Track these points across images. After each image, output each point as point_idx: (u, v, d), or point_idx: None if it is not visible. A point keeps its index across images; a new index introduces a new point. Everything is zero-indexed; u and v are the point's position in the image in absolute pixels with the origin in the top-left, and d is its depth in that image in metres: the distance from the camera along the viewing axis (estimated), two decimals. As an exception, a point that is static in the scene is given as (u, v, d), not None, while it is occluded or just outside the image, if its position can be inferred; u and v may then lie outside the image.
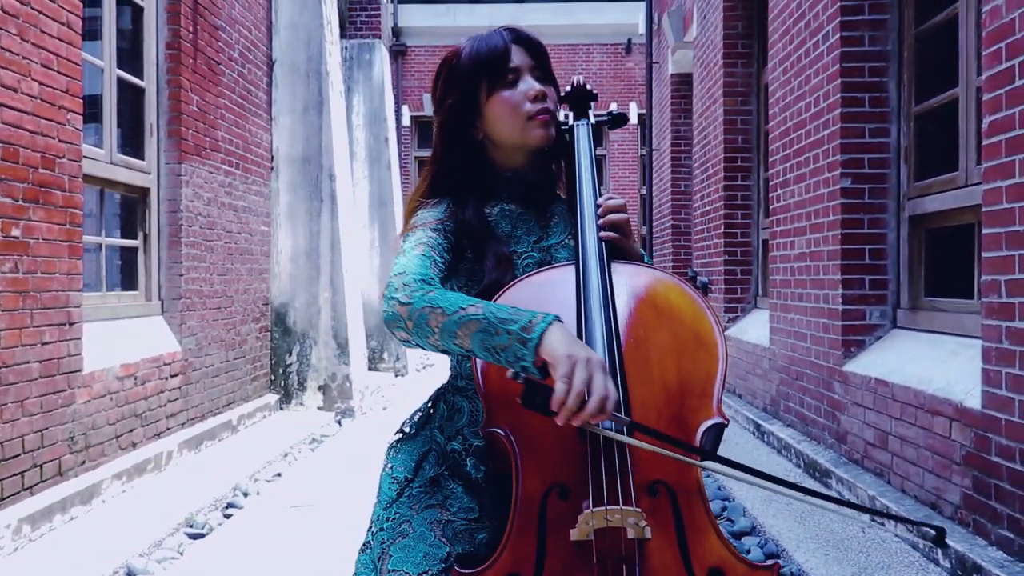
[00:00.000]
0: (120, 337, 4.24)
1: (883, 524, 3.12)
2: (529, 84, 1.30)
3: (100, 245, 4.44)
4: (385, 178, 8.92)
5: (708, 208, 6.95)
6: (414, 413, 1.42)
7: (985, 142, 2.70)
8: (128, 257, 4.81)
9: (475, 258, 1.29)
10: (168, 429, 4.59)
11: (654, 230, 10.03)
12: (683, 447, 1.05)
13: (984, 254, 2.70)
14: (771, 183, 5.14)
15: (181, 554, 3.29)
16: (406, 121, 14.64)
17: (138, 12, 4.67)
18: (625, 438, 1.04)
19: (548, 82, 1.34)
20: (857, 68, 3.91)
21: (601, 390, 0.98)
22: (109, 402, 3.98)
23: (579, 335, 1.13)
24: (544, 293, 1.19)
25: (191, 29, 4.91)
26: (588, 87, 1.46)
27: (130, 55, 4.66)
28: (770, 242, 5.22)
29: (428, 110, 14.93)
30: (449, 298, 1.10)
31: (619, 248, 1.28)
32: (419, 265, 1.19)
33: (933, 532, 1.00)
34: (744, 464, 1.01)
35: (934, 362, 3.25)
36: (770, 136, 5.18)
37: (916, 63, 3.79)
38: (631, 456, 1.07)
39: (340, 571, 2.98)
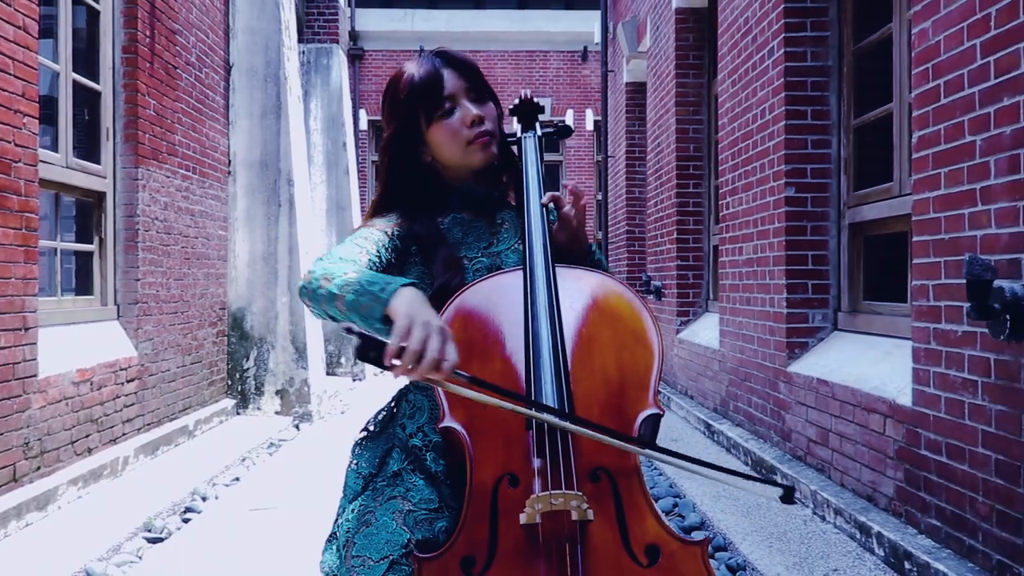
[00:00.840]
0: (76, 342, 4.22)
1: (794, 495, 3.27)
2: (466, 110, 1.37)
3: (55, 249, 4.40)
4: (343, 183, 8.93)
5: (661, 214, 7.12)
6: (378, 412, 1.50)
7: (915, 156, 2.87)
8: (83, 262, 4.77)
9: (425, 263, 1.38)
10: (124, 435, 4.57)
11: (609, 235, 10.20)
12: (620, 437, 1.15)
13: (914, 260, 2.87)
14: (720, 191, 5.32)
15: (140, 558, 3.30)
16: (363, 125, 14.62)
17: (94, 15, 4.65)
18: (568, 426, 1.13)
19: (485, 99, 1.40)
20: (800, 82, 4.09)
21: (435, 351, 1.04)
22: (65, 407, 3.96)
23: (527, 334, 1.23)
24: (495, 297, 1.28)
25: (148, 33, 4.90)
26: (535, 100, 1.54)
27: (86, 58, 4.63)
28: (720, 248, 5.39)
29: (387, 115, 14.92)
30: (341, 267, 1.20)
31: (567, 229, 1.38)
32: (346, 249, 1.29)
33: (782, 491, 1.12)
34: (669, 448, 1.12)
35: (870, 362, 3.42)
36: (719, 146, 5.36)
37: (855, 78, 3.98)
38: (574, 446, 1.17)
39: (300, 573, 3.04)
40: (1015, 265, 2.26)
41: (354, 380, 8.51)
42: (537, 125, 1.52)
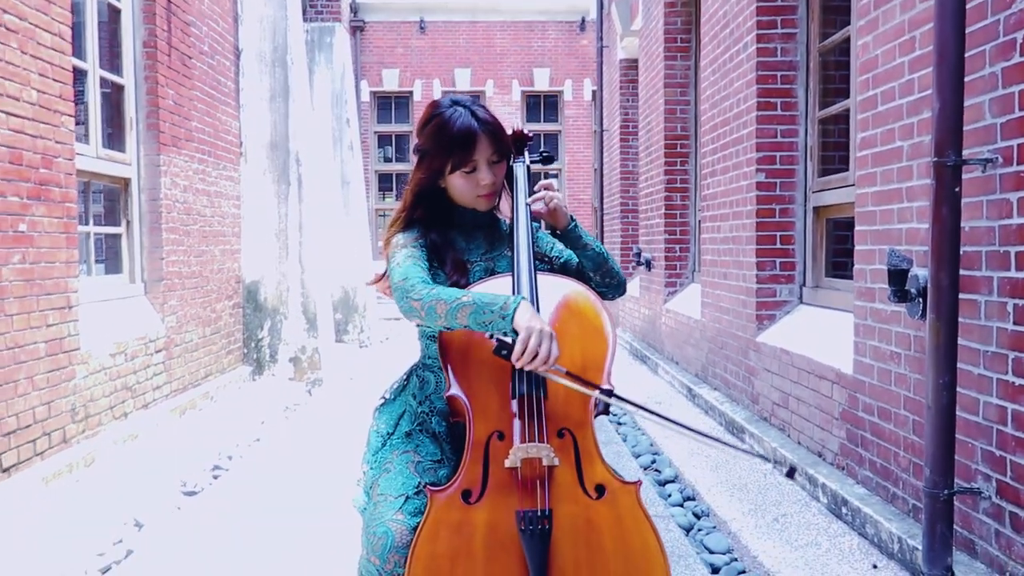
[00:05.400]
0: (110, 317, 4.64)
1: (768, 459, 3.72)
2: (483, 175, 1.75)
3: (88, 233, 4.80)
4: (347, 158, 9.28)
5: (651, 189, 7.49)
6: (393, 384, 1.93)
7: (857, 154, 3.25)
8: (111, 243, 5.17)
9: (439, 265, 1.79)
10: (155, 400, 5.02)
11: (604, 206, 10.57)
12: (594, 387, 1.58)
13: (856, 247, 3.27)
14: (702, 172, 5.69)
15: (179, 509, 3.76)
16: (365, 96, 14.88)
17: (115, 13, 4.99)
18: (553, 376, 1.55)
19: (502, 160, 1.79)
20: (771, 76, 4.44)
21: (546, 352, 1.50)
22: (104, 377, 4.39)
23: None
24: None
25: (165, 27, 5.24)
26: (526, 132, 1.94)
27: (109, 54, 4.98)
28: (701, 224, 5.78)
29: (387, 85, 15.16)
30: (448, 292, 1.60)
31: (554, 216, 1.82)
32: (416, 271, 1.69)
33: (786, 469, 1.54)
34: (632, 399, 1.53)
35: (824, 334, 3.84)
36: (701, 129, 5.71)
37: (820, 73, 4.33)
38: (546, 411, 1.59)
39: (319, 514, 3.50)
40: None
41: (360, 347, 8.96)
42: (526, 153, 1.92)
